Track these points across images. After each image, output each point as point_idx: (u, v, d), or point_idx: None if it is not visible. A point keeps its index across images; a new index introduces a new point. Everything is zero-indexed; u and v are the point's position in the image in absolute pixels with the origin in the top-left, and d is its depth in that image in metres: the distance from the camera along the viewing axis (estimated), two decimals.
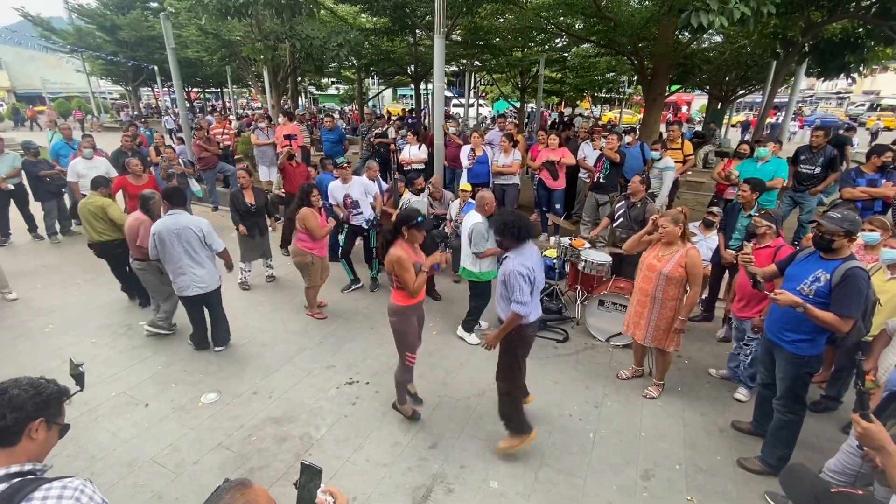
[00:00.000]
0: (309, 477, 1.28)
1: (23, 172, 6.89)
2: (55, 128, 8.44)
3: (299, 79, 15.42)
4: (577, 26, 10.88)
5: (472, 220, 4.36)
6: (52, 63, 34.42)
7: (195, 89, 31.42)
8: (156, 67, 20.52)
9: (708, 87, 16.15)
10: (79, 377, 1.90)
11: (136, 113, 23.87)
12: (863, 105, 38.54)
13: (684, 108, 36.08)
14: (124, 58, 19.93)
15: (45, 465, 1.36)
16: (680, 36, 8.98)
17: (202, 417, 3.49)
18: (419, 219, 3.13)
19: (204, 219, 4.10)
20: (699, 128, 16.88)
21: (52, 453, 3.10)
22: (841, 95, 44.92)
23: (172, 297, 4.46)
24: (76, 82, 31.64)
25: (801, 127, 24.06)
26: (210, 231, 4.06)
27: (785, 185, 5.68)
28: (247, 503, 1.03)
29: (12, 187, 6.77)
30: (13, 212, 7.04)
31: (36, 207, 7.13)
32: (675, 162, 6.39)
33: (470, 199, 5.93)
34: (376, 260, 5.73)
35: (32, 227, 7.27)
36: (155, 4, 20.33)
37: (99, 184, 4.93)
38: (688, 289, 3.50)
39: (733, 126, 19.91)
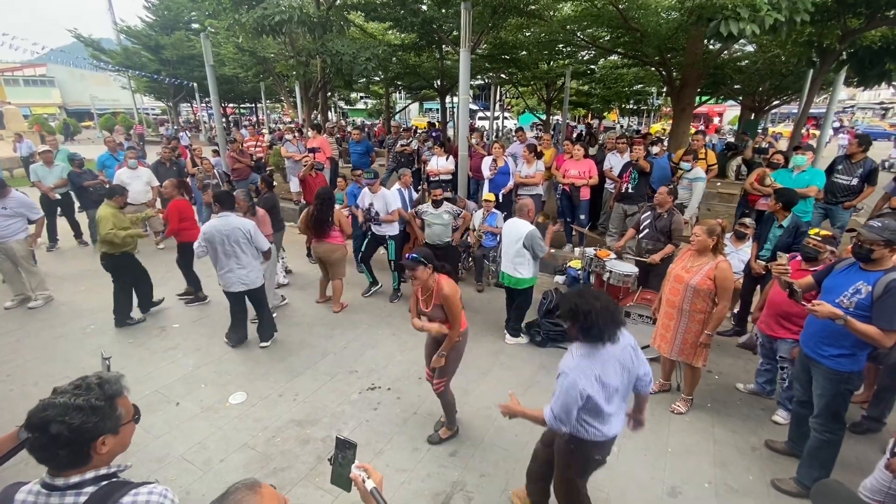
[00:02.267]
0: (343, 451, 1.30)
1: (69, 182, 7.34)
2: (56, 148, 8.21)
3: (329, 94, 15.89)
4: (603, 38, 10.87)
5: (522, 227, 4.40)
6: (100, 81, 36.70)
7: (231, 105, 32.79)
8: (195, 84, 21.59)
9: (741, 98, 15.77)
10: (107, 369, 2.01)
11: (176, 128, 25.05)
12: None
13: (716, 120, 35.24)
14: (167, 75, 21.06)
15: (127, 466, 1.38)
16: (710, 46, 8.85)
17: (229, 417, 3.59)
18: (409, 256, 2.94)
19: (250, 221, 4.40)
20: (730, 139, 16.44)
21: None
22: (885, 105, 42.99)
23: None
24: (122, 99, 33.59)
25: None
26: (257, 232, 4.37)
27: (817, 196, 5.45)
28: None
29: (59, 197, 7.19)
30: (61, 219, 7.49)
31: (82, 215, 7.57)
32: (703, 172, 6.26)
33: (493, 209, 5.97)
34: (395, 272, 5.83)
35: (78, 234, 7.70)
36: (196, 25, 21.43)
37: (114, 192, 4.93)
38: (716, 302, 3.41)
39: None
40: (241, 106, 35.55)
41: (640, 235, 4.90)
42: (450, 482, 3.00)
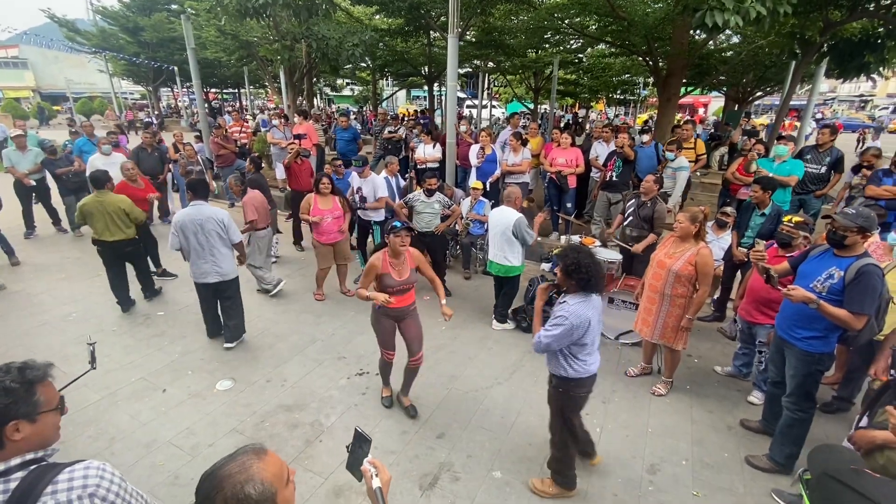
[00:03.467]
0: (359, 444, 1.35)
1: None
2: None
3: (315, 80, 15.62)
4: (591, 27, 10.86)
5: (509, 216, 4.41)
6: (76, 63, 35.44)
7: (213, 90, 32.01)
8: (175, 68, 20.99)
9: (725, 89, 15.94)
10: (90, 354, 2.00)
11: (157, 113, 24.43)
12: (886, 108, 37.58)
13: (701, 111, 35.61)
14: (146, 58, 20.42)
15: (54, 450, 1.33)
16: (696, 36, 8.91)
17: (217, 403, 3.59)
18: (395, 225, 3.13)
19: (224, 210, 4.24)
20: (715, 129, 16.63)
21: (74, 435, 3.23)
22: (864, 98, 43.88)
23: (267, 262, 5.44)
24: (99, 83, 32.49)
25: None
26: (230, 223, 4.22)
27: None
28: (259, 470, 1.06)
29: (34, 183, 6.98)
30: (39, 207, 7.30)
31: (59, 201, 7.39)
32: (687, 161, 6.36)
33: (481, 197, 5.99)
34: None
35: (56, 221, 7.51)
36: (176, 6, 20.79)
37: (103, 180, 4.79)
38: (697, 287, 3.50)
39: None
40: (224, 91, 34.72)
41: (625, 223, 4.98)
42: (437, 463, 3.07)
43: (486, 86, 22.65)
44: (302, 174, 6.81)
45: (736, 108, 16.13)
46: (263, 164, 7.91)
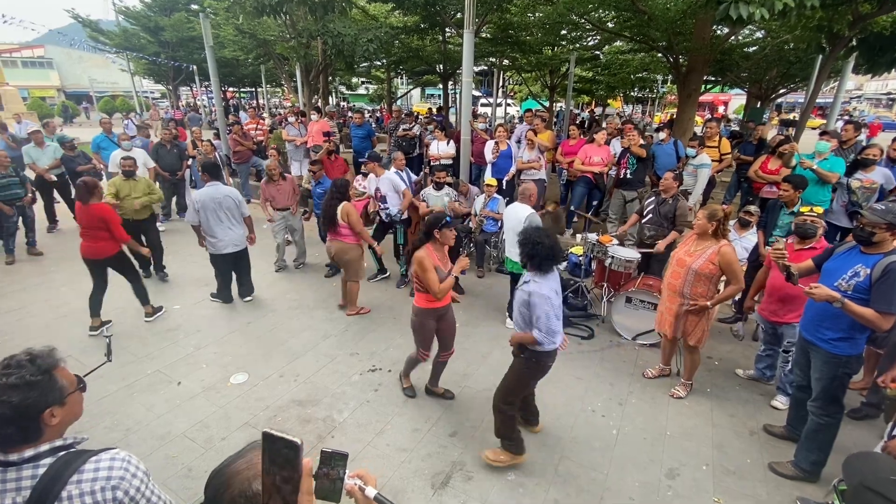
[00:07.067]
0: (332, 465, 1.18)
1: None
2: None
3: (330, 78, 15.69)
4: (609, 24, 10.68)
5: (522, 212, 4.35)
6: (99, 63, 36.24)
7: (231, 89, 32.43)
8: (195, 67, 21.29)
9: (747, 86, 15.53)
10: (107, 346, 2.01)
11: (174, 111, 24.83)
12: None
13: (721, 109, 34.89)
14: (166, 58, 20.76)
15: (83, 438, 1.35)
16: (718, 30, 8.69)
17: (230, 397, 3.61)
18: (447, 219, 3.21)
19: (236, 189, 4.90)
20: (735, 127, 16.22)
21: (91, 425, 3.27)
22: (892, 96, 42.42)
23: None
24: (121, 82, 33.21)
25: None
26: (242, 199, 4.88)
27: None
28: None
29: (55, 178, 7.12)
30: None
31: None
32: (711, 160, 6.19)
33: (495, 194, 5.93)
34: (404, 257, 5.80)
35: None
36: (196, 6, 21.08)
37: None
38: (718, 289, 3.41)
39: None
40: (241, 90, 35.17)
41: (644, 220, 4.86)
42: (450, 462, 3.03)
43: (500, 84, 22.47)
44: (334, 170, 6.83)
45: (759, 106, 15.73)
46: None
